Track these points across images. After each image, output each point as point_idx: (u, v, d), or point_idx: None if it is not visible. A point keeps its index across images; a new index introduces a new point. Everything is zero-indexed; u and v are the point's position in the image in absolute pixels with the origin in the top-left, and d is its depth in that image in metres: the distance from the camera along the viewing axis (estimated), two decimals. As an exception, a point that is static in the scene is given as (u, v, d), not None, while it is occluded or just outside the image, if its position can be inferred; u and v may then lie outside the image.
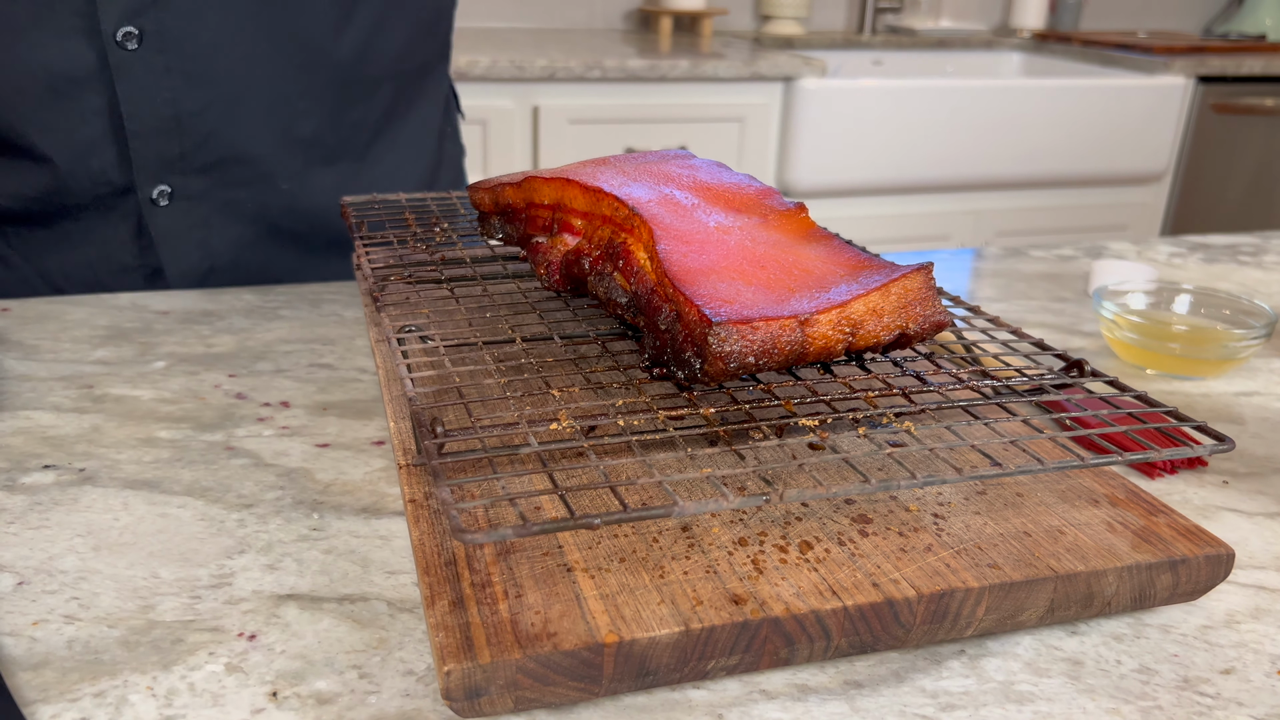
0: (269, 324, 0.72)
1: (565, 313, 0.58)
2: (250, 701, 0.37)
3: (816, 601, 0.38)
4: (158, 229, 0.81)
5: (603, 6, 2.62)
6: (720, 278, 0.46)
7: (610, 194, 0.53)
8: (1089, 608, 0.42)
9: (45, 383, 0.61)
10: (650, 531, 0.42)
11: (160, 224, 0.81)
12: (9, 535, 0.46)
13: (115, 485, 0.51)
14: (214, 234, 0.84)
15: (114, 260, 0.83)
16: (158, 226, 0.81)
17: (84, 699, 0.37)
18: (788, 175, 2.24)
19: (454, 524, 0.34)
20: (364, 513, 0.49)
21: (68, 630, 0.41)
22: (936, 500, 0.45)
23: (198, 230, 0.83)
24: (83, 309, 0.73)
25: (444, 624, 0.36)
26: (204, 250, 0.84)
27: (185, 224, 0.82)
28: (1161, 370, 0.69)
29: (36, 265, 0.83)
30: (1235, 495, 0.54)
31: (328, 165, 0.87)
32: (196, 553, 0.46)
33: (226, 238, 0.84)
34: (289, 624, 0.41)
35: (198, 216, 0.82)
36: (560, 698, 0.37)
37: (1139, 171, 2.50)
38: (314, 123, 0.84)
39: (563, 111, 2.05)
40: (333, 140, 0.86)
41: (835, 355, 0.46)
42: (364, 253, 0.64)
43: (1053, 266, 0.94)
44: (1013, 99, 2.32)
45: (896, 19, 2.83)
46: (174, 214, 0.81)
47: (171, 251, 0.83)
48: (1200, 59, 2.45)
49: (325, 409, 0.59)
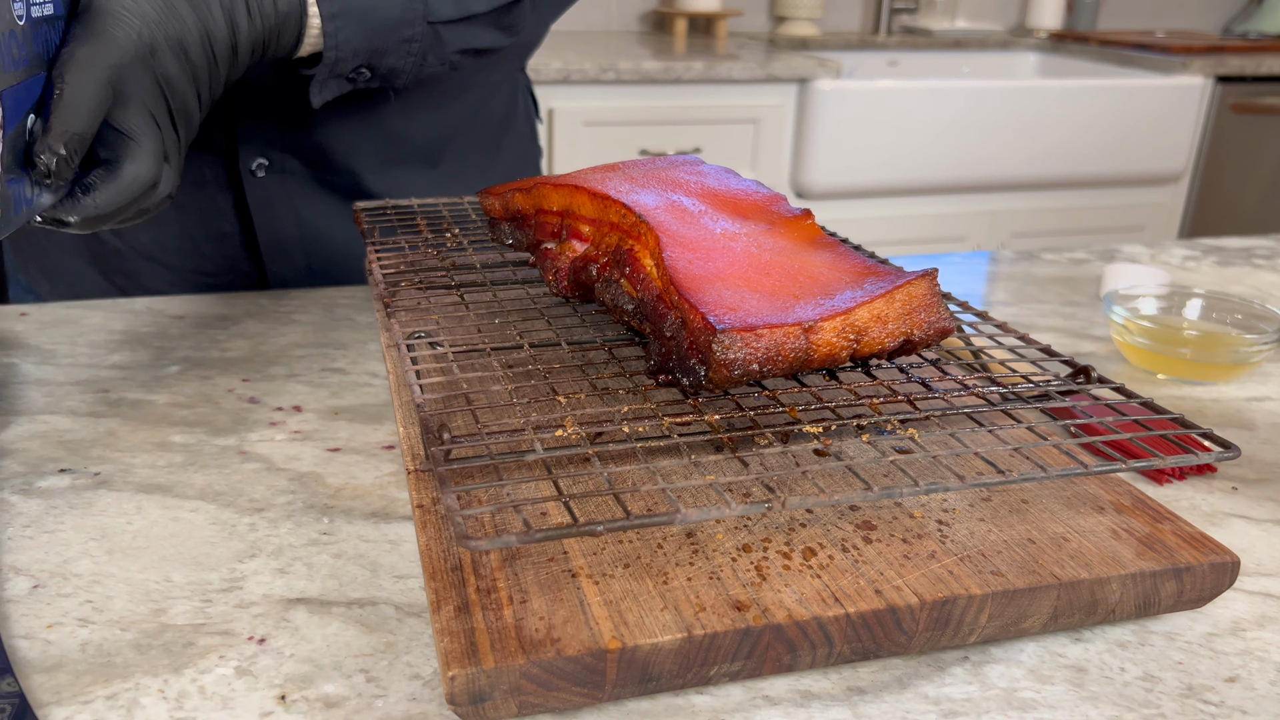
0: (282, 328, 0.73)
1: (573, 319, 0.58)
2: (259, 705, 0.38)
3: (819, 608, 0.39)
4: (254, 198, 0.84)
5: (618, 9, 2.63)
6: (725, 285, 0.47)
7: (618, 201, 0.53)
8: (1093, 615, 0.42)
9: (62, 387, 0.62)
10: (655, 537, 0.43)
11: (256, 194, 0.84)
12: (25, 539, 0.47)
13: (129, 489, 0.52)
14: (305, 205, 0.86)
15: (212, 227, 0.85)
16: (254, 196, 0.84)
17: (96, 701, 0.38)
18: (802, 177, 2.24)
19: (458, 531, 0.35)
20: (373, 517, 0.50)
21: (81, 633, 0.41)
22: (941, 507, 0.46)
23: (290, 200, 0.86)
24: (99, 313, 0.74)
25: (449, 629, 0.37)
26: (295, 219, 0.86)
27: (279, 193, 0.85)
28: (1172, 375, 0.69)
29: (130, 239, 0.85)
30: (1244, 501, 0.54)
31: (402, 167, 0.89)
32: (208, 556, 0.46)
33: (318, 209, 0.87)
34: (298, 628, 0.42)
35: (293, 186, 0.85)
36: (564, 703, 0.37)
37: (1157, 172, 2.49)
38: (399, 126, 0.86)
39: (577, 114, 2.06)
40: (419, 142, 0.88)
41: (840, 362, 0.46)
42: (375, 258, 0.65)
43: (1065, 270, 0.94)
44: (1029, 100, 2.31)
45: (912, 19, 2.82)
46: (269, 184, 0.84)
47: (266, 218, 0.85)
48: (1219, 59, 2.43)
49: (337, 413, 0.60)
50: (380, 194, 0.88)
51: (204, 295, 0.79)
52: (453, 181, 0.92)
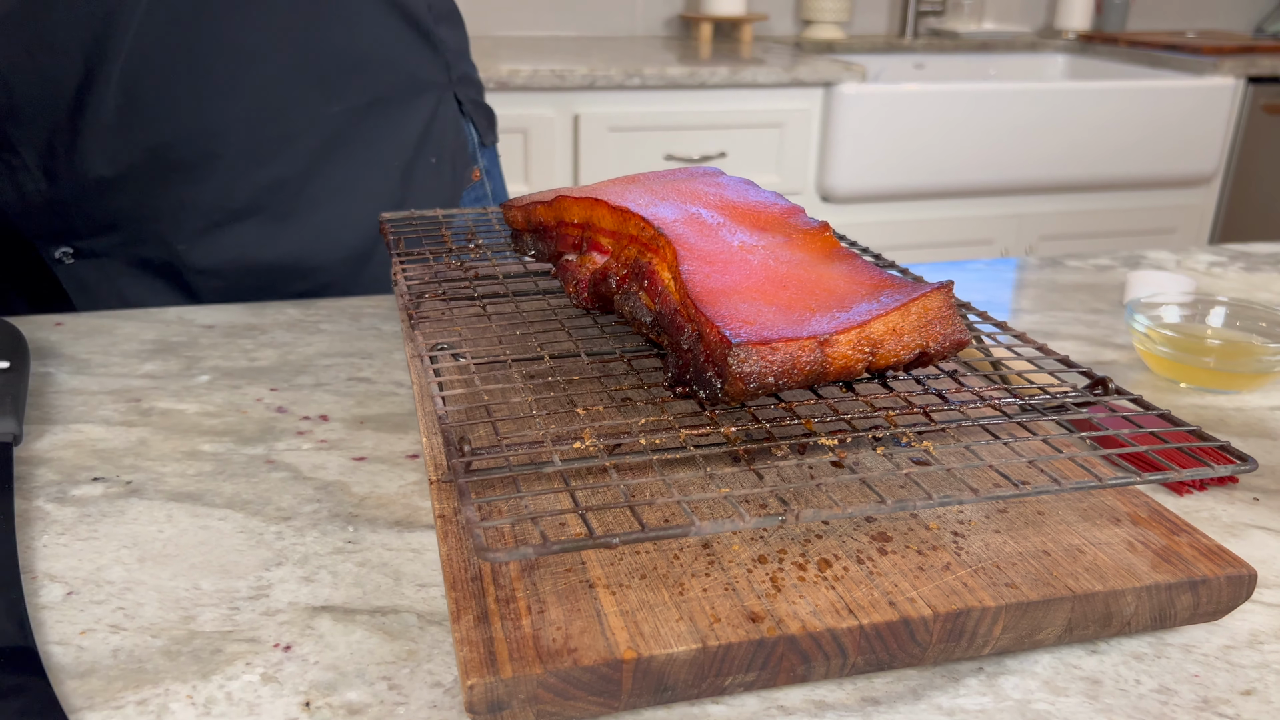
0: (310, 338, 0.74)
1: (593, 330, 0.59)
2: (284, 711, 0.39)
3: (833, 620, 0.39)
4: (70, 285, 0.82)
5: (644, 14, 2.64)
6: (742, 298, 0.47)
7: (637, 214, 0.54)
8: (1108, 627, 0.43)
9: (95, 396, 0.64)
10: (671, 549, 0.43)
11: (71, 281, 0.82)
12: (60, 546, 0.48)
13: (160, 498, 0.53)
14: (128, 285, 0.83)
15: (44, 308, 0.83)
16: (70, 283, 0.82)
17: (127, 706, 0.39)
18: (828, 181, 2.24)
19: (477, 543, 0.36)
20: (397, 526, 0.51)
21: (113, 640, 0.42)
22: (956, 519, 0.46)
23: (111, 281, 0.83)
24: (131, 323, 0.76)
25: (468, 638, 0.38)
26: (120, 301, 0.84)
27: (96, 277, 0.82)
28: (1195, 384, 0.69)
29: None
30: (1265, 513, 0.54)
31: (237, 223, 0.84)
32: (236, 565, 0.47)
33: (144, 288, 0.84)
34: (323, 635, 0.43)
35: (111, 269, 0.82)
36: (580, 712, 0.38)
37: (1187, 174, 2.46)
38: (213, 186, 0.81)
39: (603, 119, 2.07)
40: (242, 200, 0.84)
41: (856, 375, 0.47)
42: (400, 269, 0.66)
43: (1089, 277, 0.94)
44: (1058, 102, 2.30)
45: (939, 22, 2.81)
46: (82, 270, 0.81)
47: (87, 303, 0.83)
48: (1250, 59, 2.41)
49: (363, 422, 0.61)
50: (211, 265, 0.84)
51: (233, 305, 0.80)
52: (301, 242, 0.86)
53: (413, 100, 0.92)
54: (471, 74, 1.01)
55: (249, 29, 0.80)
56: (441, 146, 0.95)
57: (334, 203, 0.88)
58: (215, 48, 0.79)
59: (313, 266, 0.89)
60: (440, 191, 0.95)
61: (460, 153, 0.98)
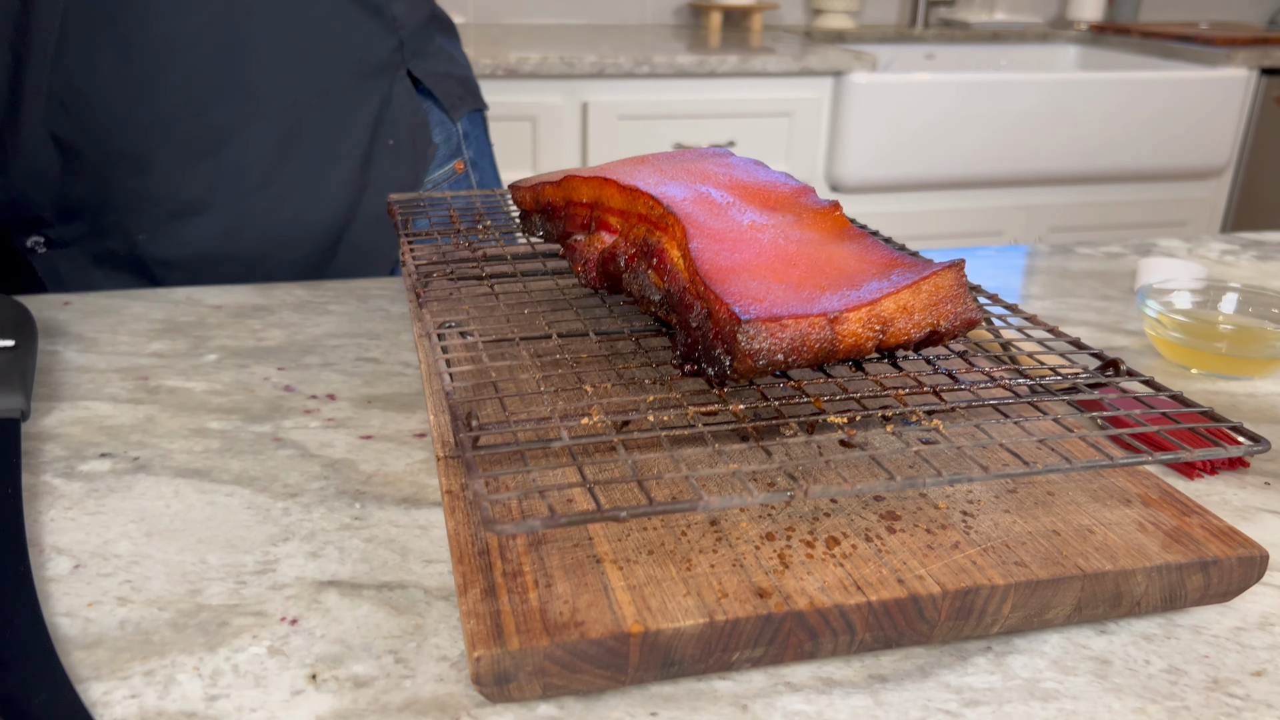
0: (318, 318, 0.74)
1: (602, 309, 0.59)
2: (290, 683, 0.39)
3: (841, 596, 0.39)
4: (44, 272, 0.82)
5: (654, 2, 2.63)
6: (751, 276, 0.47)
7: (646, 193, 0.54)
8: (1118, 607, 0.42)
9: (103, 374, 0.64)
10: (679, 525, 0.43)
11: (45, 269, 0.82)
12: (68, 520, 0.49)
13: (167, 474, 0.53)
14: (99, 276, 0.83)
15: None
16: (44, 271, 0.82)
17: (134, 677, 0.39)
18: (837, 170, 2.23)
19: (484, 515, 0.36)
20: (404, 503, 0.51)
21: (120, 612, 0.42)
22: (965, 498, 0.46)
23: (84, 273, 0.83)
24: (140, 303, 0.76)
25: (475, 611, 0.38)
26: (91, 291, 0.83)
27: (68, 266, 0.83)
28: (1206, 370, 0.68)
29: None
30: (1276, 497, 0.54)
31: (194, 216, 0.84)
32: (243, 540, 0.47)
33: (115, 280, 0.84)
34: (329, 609, 0.43)
35: (81, 260, 0.82)
36: (587, 685, 0.38)
37: (1199, 166, 2.45)
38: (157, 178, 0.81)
39: (612, 107, 2.06)
40: (192, 192, 0.83)
41: (866, 353, 0.47)
42: (408, 250, 0.66)
43: (1100, 264, 0.93)
44: (1069, 93, 2.29)
45: (949, 12, 2.80)
46: (54, 259, 0.82)
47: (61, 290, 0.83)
48: (1264, 50, 2.39)
49: (370, 402, 0.61)
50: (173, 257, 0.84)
51: (241, 286, 0.80)
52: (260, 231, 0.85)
53: (364, 86, 0.89)
54: (431, 45, 0.96)
55: (171, 18, 0.79)
56: (397, 128, 0.93)
57: (293, 196, 0.87)
58: (138, 37, 0.78)
59: (275, 260, 0.88)
60: (401, 174, 0.93)
61: (421, 130, 0.95)
